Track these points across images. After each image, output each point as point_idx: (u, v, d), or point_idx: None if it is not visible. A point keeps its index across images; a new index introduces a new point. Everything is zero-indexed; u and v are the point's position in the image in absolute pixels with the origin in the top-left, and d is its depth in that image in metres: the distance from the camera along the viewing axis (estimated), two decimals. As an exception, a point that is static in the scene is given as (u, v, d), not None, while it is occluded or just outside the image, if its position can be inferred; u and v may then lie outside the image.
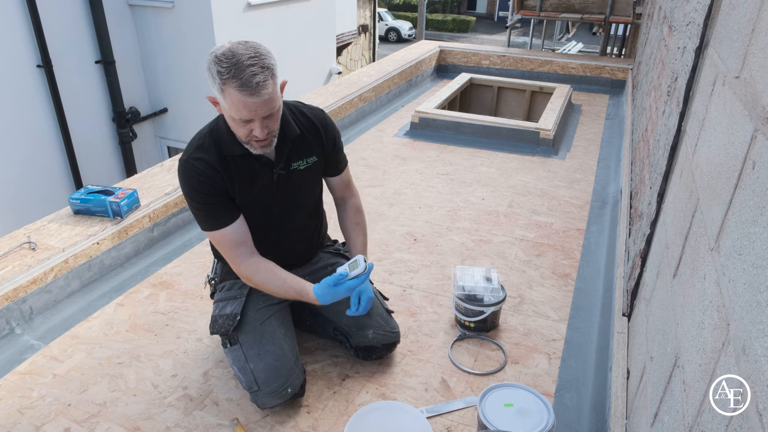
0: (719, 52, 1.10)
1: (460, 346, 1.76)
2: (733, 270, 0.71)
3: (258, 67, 1.23)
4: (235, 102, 1.24)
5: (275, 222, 1.52)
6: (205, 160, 1.37)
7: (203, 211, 1.40)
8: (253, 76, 1.21)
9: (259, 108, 1.26)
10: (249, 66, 1.22)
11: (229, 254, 1.43)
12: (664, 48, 2.40)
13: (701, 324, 0.81)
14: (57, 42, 4.74)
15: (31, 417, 1.45)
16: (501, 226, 2.52)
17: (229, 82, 1.22)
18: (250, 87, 1.22)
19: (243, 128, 1.30)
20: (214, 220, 1.40)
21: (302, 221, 1.60)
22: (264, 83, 1.24)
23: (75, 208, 2.11)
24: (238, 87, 1.22)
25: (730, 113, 0.90)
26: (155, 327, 1.80)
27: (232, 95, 1.23)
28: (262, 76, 1.23)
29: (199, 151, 1.38)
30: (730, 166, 0.82)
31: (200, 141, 1.40)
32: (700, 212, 0.97)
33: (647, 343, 1.23)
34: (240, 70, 1.21)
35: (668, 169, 1.44)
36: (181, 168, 1.39)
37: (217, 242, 1.43)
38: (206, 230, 1.43)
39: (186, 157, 1.39)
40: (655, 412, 0.99)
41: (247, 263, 1.42)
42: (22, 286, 1.77)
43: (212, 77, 1.24)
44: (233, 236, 1.41)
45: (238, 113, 1.26)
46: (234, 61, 1.21)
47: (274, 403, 1.44)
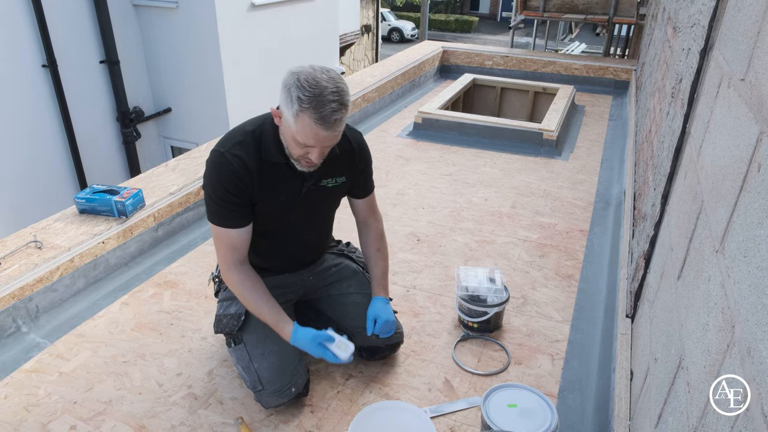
0: (724, 54, 1.10)
1: (463, 346, 1.77)
2: (738, 272, 0.71)
3: (338, 103, 1.24)
4: (307, 131, 1.25)
5: (290, 230, 1.53)
6: (242, 158, 1.36)
7: (220, 207, 1.39)
8: (332, 113, 1.23)
9: (327, 141, 1.29)
10: (330, 102, 1.22)
11: (224, 253, 1.43)
12: (668, 49, 2.40)
13: (706, 326, 0.81)
14: (62, 42, 4.77)
15: (38, 415, 1.46)
16: (504, 226, 2.52)
17: (307, 111, 1.22)
18: (327, 123, 1.23)
19: (300, 149, 1.31)
20: (225, 218, 1.40)
21: (315, 233, 1.63)
22: (340, 120, 1.26)
23: (80, 208, 2.13)
24: (315, 119, 1.22)
25: (735, 116, 0.90)
26: (160, 326, 1.81)
27: (306, 124, 1.24)
28: (340, 114, 1.25)
29: (238, 147, 1.36)
30: (736, 168, 0.82)
31: (241, 137, 1.38)
32: (705, 214, 0.97)
33: (651, 344, 1.23)
34: (321, 104, 1.22)
35: (672, 170, 1.44)
36: (216, 159, 1.36)
37: (218, 237, 1.43)
38: (212, 222, 1.43)
39: (224, 150, 1.36)
40: (659, 414, 0.99)
41: (238, 269, 1.43)
42: (28, 285, 1.78)
43: (290, 99, 1.24)
44: (236, 240, 1.42)
45: (304, 139, 1.27)
46: (317, 92, 1.21)
47: (278, 403, 1.45)
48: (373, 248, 1.63)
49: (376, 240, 1.64)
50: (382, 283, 1.61)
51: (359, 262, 1.77)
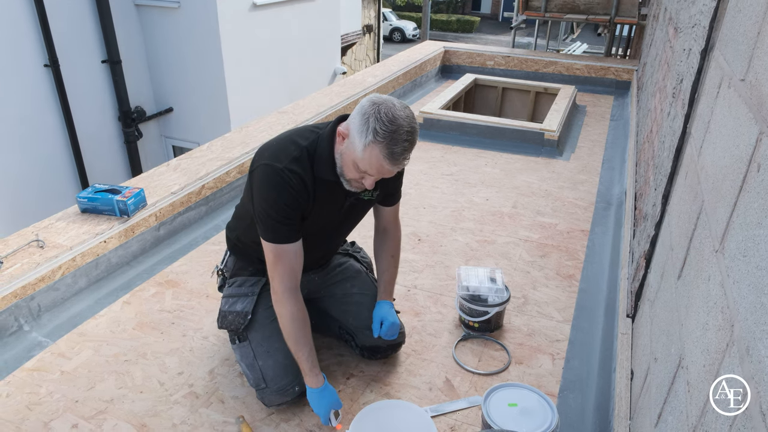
0: (725, 55, 1.10)
1: (464, 346, 1.77)
2: (738, 272, 0.71)
3: (409, 143, 1.25)
4: (374, 162, 1.25)
5: (317, 239, 1.52)
6: (300, 175, 1.33)
7: (277, 222, 1.34)
8: (404, 152, 1.25)
9: (388, 174, 1.30)
10: (404, 141, 1.24)
11: (281, 275, 1.37)
12: (669, 49, 2.40)
13: (705, 325, 0.81)
14: (64, 42, 4.78)
15: (39, 413, 1.47)
16: (505, 226, 2.53)
17: (379, 144, 1.23)
18: (395, 160, 1.25)
19: (357, 174, 1.31)
20: (281, 234, 1.35)
21: (339, 240, 1.65)
22: (407, 159, 1.28)
23: (82, 207, 2.13)
24: (386, 155, 1.24)
25: (735, 116, 0.90)
26: (161, 325, 1.82)
27: (375, 155, 1.24)
28: (409, 153, 1.27)
29: (295, 163, 1.33)
30: (735, 168, 0.83)
31: (297, 153, 1.34)
32: (705, 214, 0.97)
33: (651, 344, 1.24)
34: (395, 142, 1.23)
35: (673, 170, 1.44)
36: (275, 175, 1.31)
37: (276, 256, 1.36)
38: (268, 240, 1.36)
39: (282, 166, 1.32)
40: (659, 413, 0.99)
41: (295, 298, 1.38)
42: (30, 284, 1.79)
43: (366, 127, 1.24)
44: (293, 257, 1.37)
45: (366, 168, 1.28)
46: (394, 129, 1.23)
47: (280, 401, 1.45)
48: (387, 254, 1.63)
49: (393, 247, 1.64)
50: (388, 288, 1.62)
51: (363, 261, 1.78)
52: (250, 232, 1.49)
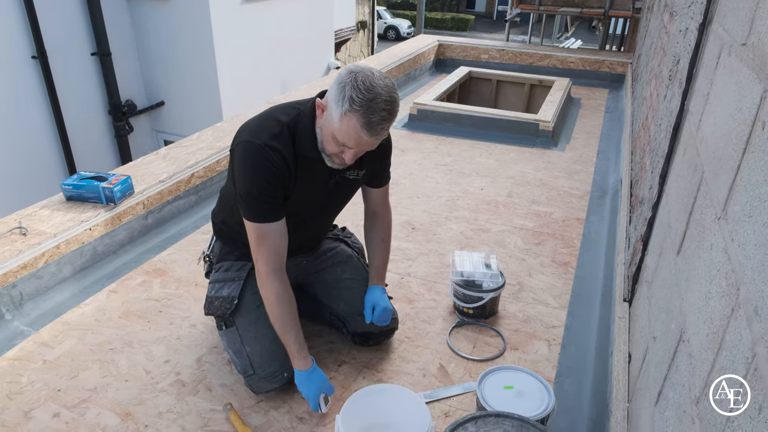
0: (724, 25, 1.08)
1: (458, 332, 1.73)
2: (743, 233, 0.68)
3: (388, 113, 1.20)
4: (351, 132, 1.21)
5: (303, 220, 1.48)
6: (280, 152, 1.29)
7: (258, 201, 1.30)
8: (381, 121, 1.20)
9: (367, 145, 1.25)
10: (382, 109, 1.19)
11: (265, 256, 1.33)
12: (665, 35, 2.38)
13: (708, 294, 0.78)
14: (52, 33, 4.70)
15: (20, 402, 1.42)
16: (500, 215, 2.49)
17: (356, 113, 1.18)
18: (372, 129, 1.20)
19: (336, 147, 1.27)
20: (263, 213, 1.31)
21: (326, 221, 1.61)
22: (386, 129, 1.23)
23: (67, 194, 2.08)
24: (363, 124, 1.19)
25: (737, 80, 0.88)
26: (148, 313, 1.77)
27: (352, 125, 1.20)
28: (388, 123, 1.22)
29: (276, 140, 1.29)
30: (739, 131, 0.80)
31: (277, 130, 1.30)
32: (706, 184, 0.94)
33: (650, 324, 1.21)
34: (372, 111, 1.18)
35: (671, 150, 1.42)
36: (254, 152, 1.27)
37: (259, 237, 1.33)
38: (250, 220, 1.33)
39: (261, 142, 1.27)
40: (659, 391, 0.96)
41: (279, 278, 1.34)
42: (11, 271, 1.74)
43: (342, 96, 1.19)
44: (277, 236, 1.33)
45: (344, 139, 1.23)
46: (371, 97, 1.18)
47: (269, 388, 1.41)
48: (378, 238, 1.59)
49: (383, 230, 1.60)
50: (380, 273, 1.58)
51: (354, 247, 1.74)
52: (234, 214, 1.45)
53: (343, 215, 1.74)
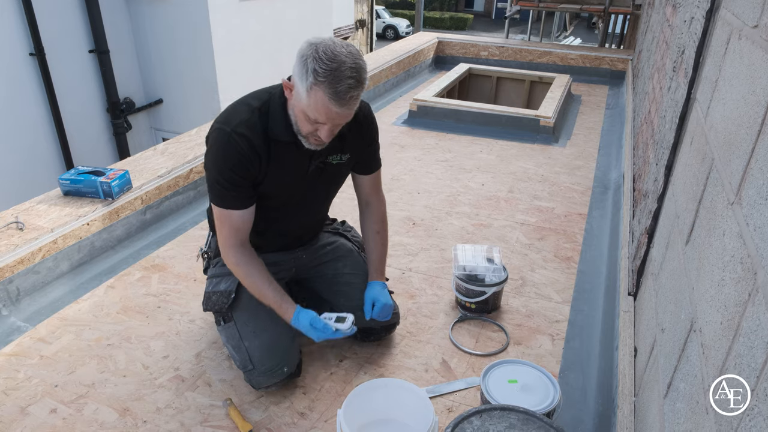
0: (732, 10, 1.06)
1: (461, 327, 1.71)
2: (759, 217, 0.66)
3: (355, 81, 1.17)
4: (319, 106, 1.18)
5: (292, 209, 1.47)
6: (249, 139, 1.27)
7: (223, 187, 1.30)
8: (348, 90, 1.16)
9: (339, 118, 1.21)
10: (348, 78, 1.15)
11: (225, 234, 1.36)
12: (667, 29, 2.36)
13: (722, 281, 0.76)
14: (50, 30, 4.66)
15: (16, 398, 1.39)
16: (501, 210, 2.47)
17: (321, 85, 1.15)
18: (341, 100, 1.16)
19: (310, 126, 1.24)
20: (228, 199, 1.32)
21: (317, 211, 1.58)
22: (355, 98, 1.19)
23: (65, 189, 2.06)
24: (330, 95, 1.15)
25: (749, 63, 0.86)
26: (147, 309, 1.75)
27: (320, 98, 1.16)
28: (356, 91, 1.18)
29: (245, 126, 1.27)
30: (752, 115, 0.78)
31: (247, 115, 1.28)
32: (716, 171, 0.92)
33: (657, 316, 1.19)
34: (337, 79, 1.14)
35: (677, 140, 1.39)
36: (222, 139, 1.27)
37: (219, 218, 1.35)
38: (215, 203, 1.35)
39: (230, 129, 1.26)
40: (669, 382, 0.94)
41: (238, 250, 1.36)
42: (8, 266, 1.71)
43: (305, 70, 1.16)
44: (239, 222, 1.34)
45: (315, 115, 1.20)
46: (334, 66, 1.14)
47: (268, 383, 1.39)
48: (372, 230, 1.56)
49: (377, 222, 1.57)
50: (379, 268, 1.55)
51: (354, 241, 1.71)
52: None
53: (342, 209, 1.72)
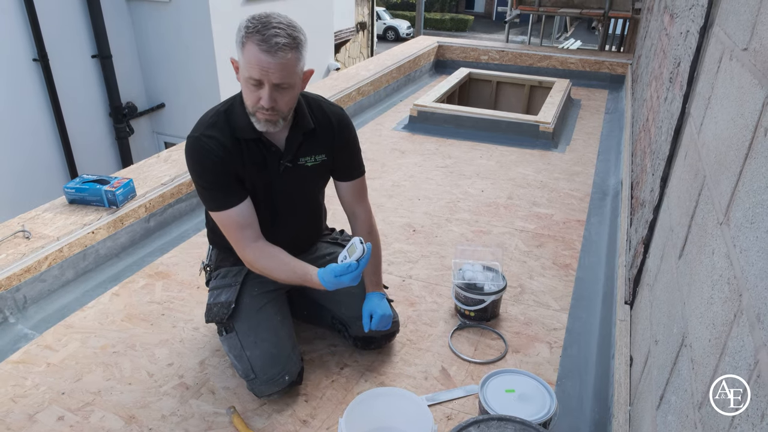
0: (725, 29, 1.08)
1: (460, 335, 1.74)
2: (745, 240, 0.69)
3: (284, 32, 1.22)
4: (251, 58, 1.22)
5: (278, 212, 1.49)
6: (217, 139, 1.32)
7: (210, 191, 1.35)
8: (275, 36, 1.20)
9: (272, 70, 1.22)
10: (275, 27, 1.21)
11: (234, 237, 1.38)
12: (665, 37, 2.38)
13: (710, 299, 0.79)
14: (53, 36, 4.71)
15: (24, 405, 1.42)
16: (501, 217, 2.50)
17: (251, 37, 1.21)
18: (269, 44, 1.20)
19: (253, 93, 1.27)
20: (220, 201, 1.35)
21: (304, 214, 1.58)
22: (284, 46, 1.22)
23: (70, 198, 2.09)
24: (257, 42, 1.20)
25: (738, 85, 0.88)
26: (151, 316, 1.78)
27: (250, 50, 1.21)
28: (285, 40, 1.22)
29: (212, 129, 1.33)
30: (741, 137, 0.80)
31: (213, 119, 1.35)
32: (707, 189, 0.95)
33: (651, 327, 1.21)
34: (265, 28, 1.20)
35: (672, 153, 1.42)
36: (192, 145, 1.33)
37: (222, 224, 1.38)
38: (211, 210, 1.39)
39: (198, 134, 1.33)
40: (661, 395, 0.97)
41: (252, 247, 1.38)
42: (15, 275, 1.74)
43: (238, 32, 1.23)
44: (238, 218, 1.37)
45: (249, 70, 1.23)
46: (264, 21, 1.22)
47: (271, 391, 1.42)
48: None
49: (365, 233, 1.56)
50: (373, 280, 1.55)
51: (354, 250, 1.74)
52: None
53: (340, 220, 1.74)
